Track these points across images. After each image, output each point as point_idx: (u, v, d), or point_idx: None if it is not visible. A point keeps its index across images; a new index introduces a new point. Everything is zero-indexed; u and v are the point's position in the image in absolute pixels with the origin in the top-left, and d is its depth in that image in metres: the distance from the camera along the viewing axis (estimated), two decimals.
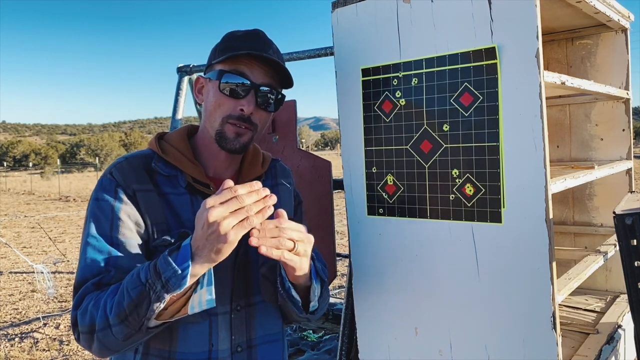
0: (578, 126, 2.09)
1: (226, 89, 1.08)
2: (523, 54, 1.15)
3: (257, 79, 1.09)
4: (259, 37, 1.12)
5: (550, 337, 1.17)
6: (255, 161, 1.22)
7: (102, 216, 1.03)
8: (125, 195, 1.04)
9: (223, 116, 1.09)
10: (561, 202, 2.15)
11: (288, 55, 2.15)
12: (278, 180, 1.27)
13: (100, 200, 1.05)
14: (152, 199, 1.06)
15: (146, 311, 0.91)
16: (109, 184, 1.05)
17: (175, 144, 1.14)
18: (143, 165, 1.09)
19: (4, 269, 7.78)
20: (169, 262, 0.89)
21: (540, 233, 1.16)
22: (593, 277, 2.08)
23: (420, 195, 1.34)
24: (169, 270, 0.88)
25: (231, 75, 1.07)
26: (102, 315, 0.93)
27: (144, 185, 1.06)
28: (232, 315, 1.09)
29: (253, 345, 1.12)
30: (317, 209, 2.10)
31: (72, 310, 1.00)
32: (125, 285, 0.93)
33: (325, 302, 1.20)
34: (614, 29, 1.95)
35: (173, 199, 1.08)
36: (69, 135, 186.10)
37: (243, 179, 1.17)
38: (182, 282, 0.88)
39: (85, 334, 0.96)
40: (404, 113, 1.35)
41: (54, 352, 4.55)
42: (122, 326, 0.92)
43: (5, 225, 12.61)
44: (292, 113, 2.18)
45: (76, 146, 76.07)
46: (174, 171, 1.10)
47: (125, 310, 0.91)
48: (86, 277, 1.00)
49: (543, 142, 1.14)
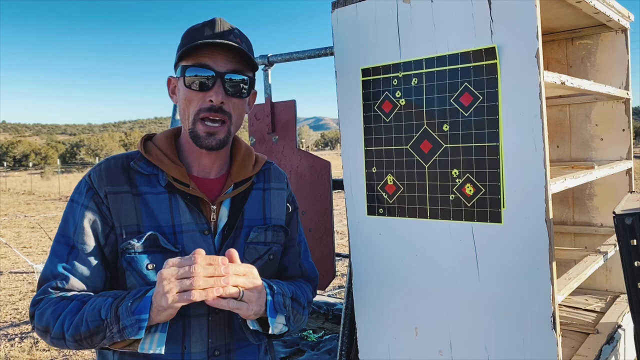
0: (578, 126, 2.09)
1: (192, 83, 1.07)
2: (523, 54, 1.15)
3: (220, 67, 1.06)
4: (217, 25, 1.10)
5: (550, 337, 1.17)
6: (246, 162, 1.20)
7: (71, 218, 1.07)
8: (95, 199, 1.07)
9: (195, 111, 1.07)
10: (561, 202, 2.15)
11: (288, 56, 2.15)
12: (271, 184, 1.24)
13: (74, 203, 1.09)
14: (125, 201, 1.07)
15: (99, 342, 0.98)
16: (83, 187, 1.09)
17: (159, 143, 1.14)
18: (122, 167, 1.10)
19: (4, 269, 7.78)
20: (129, 312, 0.94)
21: (540, 233, 1.16)
22: (593, 277, 2.08)
23: (420, 195, 1.34)
24: (127, 320, 0.93)
25: (194, 69, 1.06)
26: (59, 328, 1.00)
27: (117, 188, 1.07)
28: (209, 317, 1.08)
29: (232, 349, 1.11)
30: (317, 209, 2.10)
31: (31, 304, 1.06)
32: (85, 314, 0.98)
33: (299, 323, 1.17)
34: (614, 29, 1.95)
35: (150, 199, 1.08)
36: (69, 135, 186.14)
37: (232, 179, 1.16)
38: (138, 332, 0.93)
39: (40, 331, 1.03)
40: (404, 113, 1.35)
41: (54, 352, 4.55)
42: (76, 344, 1.00)
43: (5, 225, 12.61)
44: (292, 113, 2.18)
45: (76, 146, 76.09)
46: (155, 170, 1.10)
47: (81, 335, 0.98)
48: (46, 276, 1.06)
49: (543, 142, 1.14)
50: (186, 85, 1.07)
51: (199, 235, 1.08)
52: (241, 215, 1.14)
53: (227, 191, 1.14)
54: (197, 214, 1.09)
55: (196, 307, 1.06)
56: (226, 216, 1.13)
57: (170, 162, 1.10)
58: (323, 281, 2.10)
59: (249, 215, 1.16)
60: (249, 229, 1.15)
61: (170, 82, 1.16)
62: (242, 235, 1.14)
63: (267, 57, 2.17)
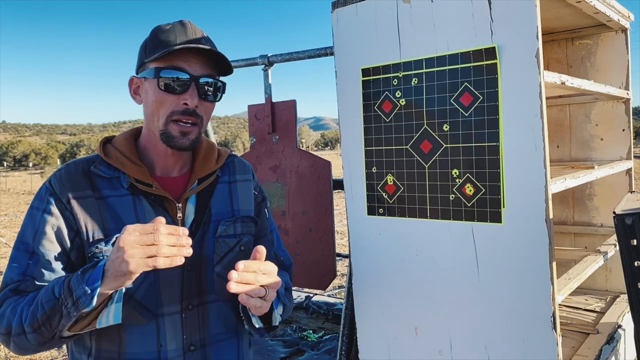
0: (578, 126, 2.09)
1: (166, 85, 1.06)
2: (523, 54, 1.15)
3: (195, 71, 1.06)
4: (189, 29, 1.10)
5: (550, 337, 1.17)
6: (209, 157, 1.20)
7: (30, 225, 1.06)
8: (57, 205, 1.05)
9: (167, 114, 1.07)
10: (561, 202, 2.15)
11: (288, 55, 2.16)
12: (236, 176, 1.24)
13: (33, 209, 1.07)
14: (88, 205, 1.06)
15: (57, 324, 0.95)
16: (44, 193, 1.07)
17: (118, 146, 1.13)
18: (82, 171, 1.09)
19: (4, 269, 7.78)
20: (80, 281, 0.92)
21: (540, 233, 1.16)
22: (593, 277, 2.08)
23: (420, 195, 1.34)
24: (80, 289, 0.91)
25: (169, 71, 1.06)
26: (17, 322, 0.97)
27: (79, 193, 1.06)
28: (183, 314, 1.09)
29: (207, 344, 1.12)
30: (317, 209, 2.10)
31: None
32: (40, 297, 0.96)
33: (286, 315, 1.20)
34: (614, 29, 1.95)
35: (113, 202, 1.07)
36: (69, 135, 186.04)
37: (195, 176, 1.15)
38: (91, 301, 0.91)
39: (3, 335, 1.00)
40: (404, 113, 1.35)
41: (54, 352, 4.55)
42: (36, 334, 0.96)
43: (5, 225, 12.62)
44: (292, 113, 2.18)
45: (76, 146, 76.05)
46: (116, 173, 1.09)
47: (39, 321, 0.95)
48: (6, 281, 1.04)
49: (543, 142, 1.14)
50: (160, 87, 1.06)
51: None
52: (208, 211, 1.14)
53: (192, 187, 1.14)
54: (162, 214, 1.08)
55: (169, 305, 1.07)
56: (193, 213, 1.13)
57: (131, 164, 1.10)
58: (323, 281, 2.10)
59: (217, 210, 1.16)
60: (217, 223, 1.15)
61: (132, 82, 1.15)
62: (210, 230, 1.14)
63: (267, 57, 2.17)
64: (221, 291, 1.12)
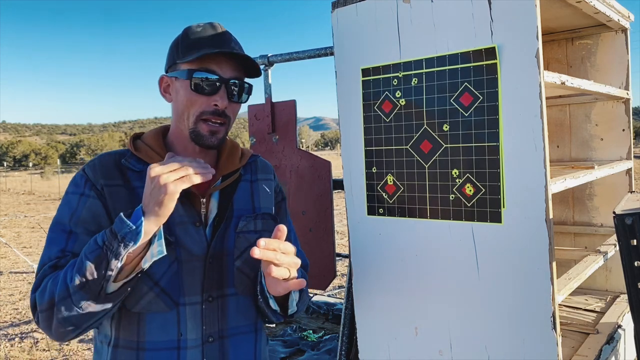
0: (578, 126, 2.09)
1: (197, 86, 1.11)
2: (523, 54, 1.15)
3: (225, 73, 1.12)
4: (220, 32, 1.15)
5: (550, 337, 1.17)
6: (232, 156, 1.24)
7: (67, 208, 1.10)
8: (93, 190, 1.10)
9: (197, 113, 1.12)
10: (561, 202, 2.15)
11: (288, 56, 2.15)
12: (258, 175, 1.28)
13: (70, 194, 1.11)
14: (120, 193, 1.11)
15: (105, 271, 0.95)
16: (80, 180, 1.12)
17: (148, 141, 1.18)
18: (114, 163, 1.14)
19: (4, 269, 7.78)
20: (123, 221, 0.96)
21: (540, 233, 1.16)
22: (593, 277, 2.08)
23: (420, 195, 1.34)
24: (125, 227, 0.95)
25: (201, 73, 1.11)
26: (62, 286, 0.98)
27: (112, 181, 1.11)
28: (203, 305, 1.12)
29: (225, 336, 1.14)
30: (317, 209, 2.10)
31: (31, 294, 1.04)
32: (83, 252, 0.98)
33: (304, 304, 1.23)
34: (614, 29, 1.95)
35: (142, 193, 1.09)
36: (69, 135, 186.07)
37: (220, 172, 1.20)
38: (137, 237, 0.94)
39: (45, 312, 0.99)
40: (404, 113, 1.35)
41: (54, 352, 4.55)
42: (82, 292, 0.96)
43: (5, 225, 12.61)
44: (292, 113, 2.18)
45: (76, 146, 76.08)
46: (146, 167, 1.13)
47: (86, 273, 0.95)
48: (44, 261, 1.06)
49: (543, 142, 1.14)
50: (192, 88, 1.11)
51: (191, 227, 1.12)
52: (230, 207, 1.18)
53: (216, 184, 1.18)
54: (188, 207, 1.12)
55: (190, 295, 1.10)
56: (216, 208, 1.17)
57: (159, 159, 1.14)
58: (323, 281, 2.10)
59: (238, 206, 1.20)
60: (238, 219, 1.18)
61: (162, 81, 1.19)
62: (232, 225, 1.17)
63: (267, 57, 2.17)
64: (240, 285, 1.16)
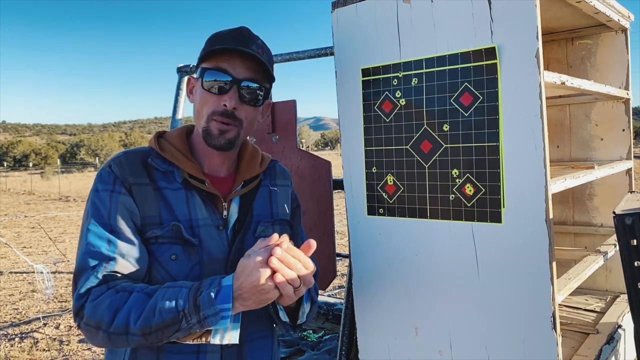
0: (578, 126, 2.09)
1: (209, 85, 1.10)
2: (523, 54, 1.15)
3: (238, 74, 1.10)
4: (242, 34, 1.13)
5: (550, 337, 1.17)
6: (253, 160, 1.24)
7: (101, 205, 1.06)
8: (122, 187, 1.08)
9: (208, 113, 1.11)
10: (561, 202, 2.15)
11: (288, 56, 2.15)
12: (276, 181, 1.29)
13: (100, 191, 1.08)
14: (147, 193, 1.09)
15: (171, 334, 0.95)
16: (107, 176, 1.09)
17: (172, 141, 1.16)
18: (140, 161, 1.12)
19: (4, 269, 7.78)
20: (212, 301, 0.93)
21: (540, 233, 1.16)
22: (593, 277, 2.08)
23: (420, 195, 1.34)
24: (211, 309, 0.93)
25: (213, 72, 1.09)
26: (122, 320, 0.96)
27: (139, 179, 1.09)
28: None
29: (243, 341, 1.14)
30: (317, 209, 2.09)
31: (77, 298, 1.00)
32: (158, 306, 0.95)
33: (312, 315, 1.23)
34: (614, 29, 1.95)
35: (168, 194, 1.11)
36: (69, 135, 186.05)
37: (241, 177, 1.20)
38: (220, 322, 0.93)
39: (90, 327, 0.98)
40: (404, 113, 1.35)
41: (54, 352, 4.55)
42: (142, 338, 0.96)
43: (5, 225, 12.61)
44: (292, 113, 2.18)
45: (76, 146, 76.11)
46: (171, 167, 1.13)
47: (152, 327, 0.95)
48: (87, 262, 1.02)
49: (543, 142, 1.14)
50: (203, 87, 1.11)
51: (214, 230, 1.12)
52: (250, 212, 1.19)
53: (237, 189, 1.18)
54: (212, 210, 1.13)
55: None
56: (236, 212, 1.17)
57: (185, 159, 1.13)
58: (323, 281, 2.10)
59: (258, 211, 1.21)
60: (257, 224, 1.19)
61: (189, 82, 1.20)
62: (251, 230, 1.18)
63: None
64: None
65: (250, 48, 1.10)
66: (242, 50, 1.08)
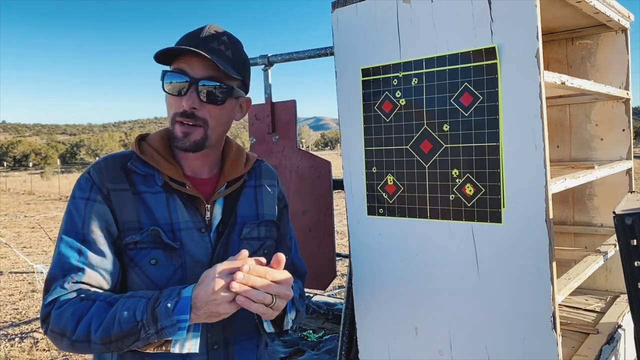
0: (578, 126, 2.09)
1: (169, 88, 1.09)
2: (523, 54, 1.15)
3: (196, 73, 1.07)
4: (204, 31, 1.10)
5: (550, 337, 1.17)
6: (237, 161, 1.22)
7: (76, 214, 1.06)
8: (99, 194, 1.07)
9: (172, 115, 1.10)
10: (561, 202, 2.15)
11: (288, 55, 2.15)
12: (262, 181, 1.26)
13: (77, 199, 1.08)
14: (126, 198, 1.08)
15: (131, 344, 0.96)
16: (85, 183, 1.08)
17: (154, 144, 1.15)
18: (120, 165, 1.11)
19: (4, 269, 7.78)
20: (169, 312, 0.93)
21: (540, 233, 1.16)
22: (593, 277, 2.08)
23: (420, 195, 1.34)
24: (168, 320, 0.93)
25: (171, 74, 1.08)
26: (83, 329, 0.97)
27: (118, 185, 1.08)
28: None
29: (230, 343, 1.14)
30: (317, 209, 2.09)
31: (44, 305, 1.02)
32: (117, 316, 0.96)
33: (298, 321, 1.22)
34: (614, 29, 1.95)
35: (148, 198, 1.09)
36: (69, 135, 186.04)
37: (224, 178, 1.18)
38: (177, 332, 0.93)
39: (55, 334, 1.00)
40: (404, 113, 1.35)
41: (54, 352, 4.55)
42: (103, 347, 0.97)
43: (5, 225, 12.61)
44: (292, 113, 2.18)
45: (76, 146, 76.12)
46: (151, 170, 1.11)
47: (111, 337, 0.96)
48: (57, 272, 1.03)
49: (543, 142, 1.14)
50: (164, 89, 1.10)
51: (196, 233, 1.11)
52: (234, 213, 1.17)
53: (220, 190, 1.16)
54: (193, 213, 1.11)
55: None
56: (220, 214, 1.15)
57: (165, 162, 1.12)
58: (323, 281, 2.10)
59: (242, 212, 1.19)
60: (242, 226, 1.17)
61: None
62: (235, 231, 1.16)
63: (267, 57, 2.17)
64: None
65: (208, 46, 1.07)
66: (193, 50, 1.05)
